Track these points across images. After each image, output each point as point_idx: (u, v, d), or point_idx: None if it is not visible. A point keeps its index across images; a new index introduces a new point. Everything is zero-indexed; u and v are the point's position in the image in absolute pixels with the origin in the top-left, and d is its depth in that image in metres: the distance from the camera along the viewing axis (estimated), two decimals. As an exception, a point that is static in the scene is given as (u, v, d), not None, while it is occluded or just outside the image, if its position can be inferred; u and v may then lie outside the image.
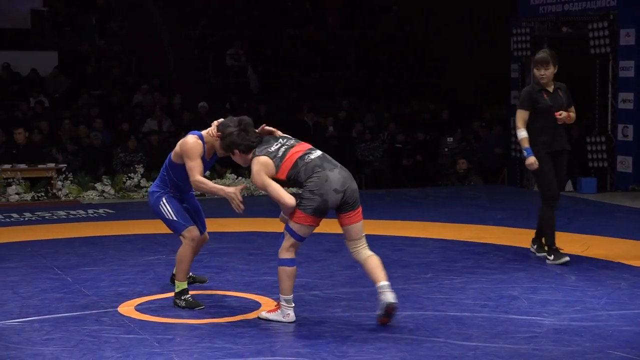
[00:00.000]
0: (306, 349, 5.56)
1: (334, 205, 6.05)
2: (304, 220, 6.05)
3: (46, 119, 17.33)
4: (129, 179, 14.15)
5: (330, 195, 5.99)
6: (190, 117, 18.14)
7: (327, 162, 6.15)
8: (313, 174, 6.03)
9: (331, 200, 6.01)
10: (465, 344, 5.67)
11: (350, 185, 6.12)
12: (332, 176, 6.04)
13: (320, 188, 5.99)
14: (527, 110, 8.26)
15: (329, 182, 6.01)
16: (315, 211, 6.01)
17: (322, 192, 5.99)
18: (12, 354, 5.49)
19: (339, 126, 18.66)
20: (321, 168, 6.06)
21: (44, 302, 6.81)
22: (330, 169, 6.08)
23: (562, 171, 8.42)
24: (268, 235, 9.71)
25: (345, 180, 6.09)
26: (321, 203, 6.00)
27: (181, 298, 6.67)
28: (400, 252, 8.76)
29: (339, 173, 6.09)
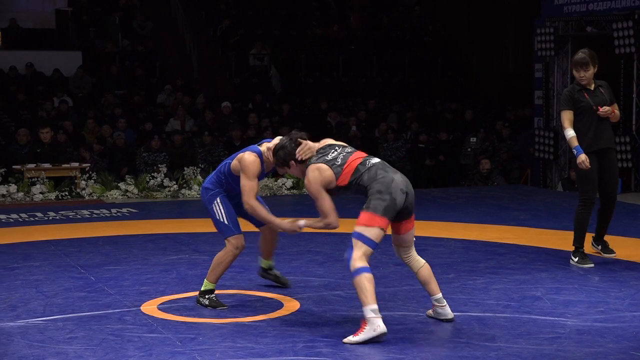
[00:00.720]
0: (328, 349, 5.55)
1: (400, 206, 5.91)
2: (375, 222, 5.84)
3: (70, 118, 17.43)
4: (152, 178, 14.20)
5: (398, 194, 5.88)
6: (213, 117, 18.20)
7: (388, 167, 6.06)
8: (377, 177, 5.92)
9: (399, 200, 5.88)
10: (487, 344, 5.65)
11: (411, 190, 6.03)
12: (397, 178, 5.94)
13: (388, 188, 5.87)
14: (570, 110, 8.17)
15: (395, 182, 5.91)
16: (386, 210, 5.84)
17: (391, 192, 5.87)
18: (36, 352, 5.52)
19: (362, 126, 18.66)
20: (384, 171, 5.96)
21: (67, 301, 6.84)
22: (393, 172, 6.01)
23: (612, 170, 8.22)
24: (291, 235, 9.70)
25: (408, 183, 6.01)
26: (391, 202, 5.85)
27: (205, 296, 6.67)
28: (422, 253, 8.66)
29: (401, 176, 6.01)
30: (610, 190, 8.33)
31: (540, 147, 15.87)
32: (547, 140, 15.69)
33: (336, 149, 6.15)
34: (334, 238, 9.52)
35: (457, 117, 19.63)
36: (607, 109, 8.12)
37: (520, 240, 9.34)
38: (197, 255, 8.62)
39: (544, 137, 15.77)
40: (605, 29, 14.61)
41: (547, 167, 16.02)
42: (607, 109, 8.11)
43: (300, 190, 14.36)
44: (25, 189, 13.53)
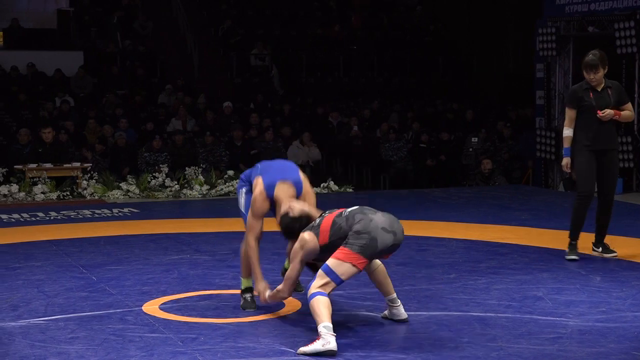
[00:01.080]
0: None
1: (386, 245, 5.76)
2: (350, 259, 5.70)
3: (71, 118, 17.44)
4: (154, 178, 14.20)
5: (379, 233, 5.73)
6: (214, 117, 18.20)
7: (367, 209, 5.96)
8: (355, 220, 5.79)
9: (381, 238, 5.72)
10: (489, 344, 5.65)
11: (399, 226, 5.90)
12: (377, 218, 5.82)
13: (366, 228, 5.73)
14: (573, 109, 8.25)
15: (374, 222, 5.77)
16: (362, 249, 5.68)
17: (370, 231, 5.72)
18: (37, 352, 5.52)
19: (363, 126, 18.66)
20: (362, 214, 5.85)
21: (69, 301, 6.84)
22: (372, 213, 5.89)
23: (610, 171, 8.32)
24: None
25: (392, 221, 5.87)
26: (370, 241, 5.69)
27: (243, 296, 6.63)
28: (424, 253, 8.75)
29: (382, 215, 5.88)
30: (608, 190, 8.39)
31: (541, 147, 15.87)
32: (548, 140, 15.69)
33: (322, 214, 6.07)
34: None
35: (458, 117, 19.63)
36: (608, 112, 8.14)
37: (522, 241, 9.34)
38: (198, 255, 8.62)
39: (546, 137, 15.77)
40: (607, 29, 14.60)
41: (548, 167, 16.02)
42: (607, 112, 8.14)
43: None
44: (26, 189, 13.53)
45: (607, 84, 8.26)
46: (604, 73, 8.20)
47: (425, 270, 7.91)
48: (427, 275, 7.69)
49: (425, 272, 7.83)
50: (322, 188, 14.44)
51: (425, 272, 7.81)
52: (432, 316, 6.32)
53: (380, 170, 17.33)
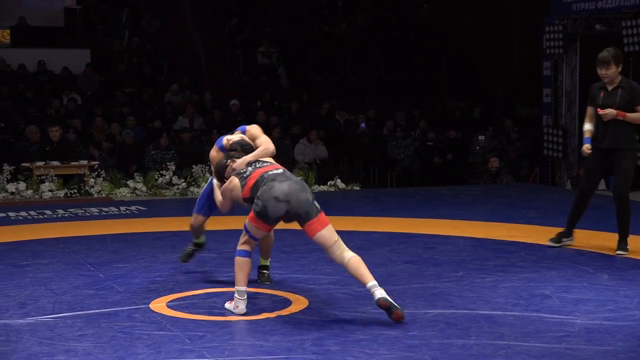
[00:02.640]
0: (337, 347, 5.55)
1: (276, 214, 6.19)
2: (252, 220, 6.30)
3: (78, 116, 17.46)
4: (161, 176, 14.21)
5: (270, 202, 6.16)
6: (221, 115, 18.21)
7: (281, 176, 6.33)
8: (264, 185, 6.25)
9: (270, 207, 6.16)
10: (496, 342, 5.64)
11: (298, 196, 6.20)
12: (278, 186, 6.21)
13: (262, 194, 6.20)
14: (591, 106, 8.42)
15: (272, 190, 6.18)
16: (257, 215, 6.23)
17: (264, 199, 6.18)
18: (45, 349, 5.53)
19: (370, 124, 18.66)
20: (273, 180, 6.26)
21: (76, 299, 6.85)
22: (280, 181, 6.26)
23: (616, 170, 8.37)
24: (300, 233, 9.69)
25: (290, 192, 6.19)
26: (262, 208, 6.18)
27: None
28: (431, 251, 8.75)
29: (287, 186, 6.22)
30: (614, 189, 8.45)
31: (548, 145, 15.84)
32: (555, 138, 15.66)
33: (255, 164, 6.57)
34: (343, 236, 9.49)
35: (465, 115, 19.61)
36: (609, 111, 8.16)
37: (529, 239, 9.32)
38: (206, 253, 8.61)
39: (553, 135, 15.74)
40: (615, 26, 14.55)
41: (555, 165, 15.99)
42: (608, 111, 8.16)
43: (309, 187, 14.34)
44: (34, 187, 13.55)
45: (621, 84, 8.26)
46: (616, 70, 8.21)
47: (432, 268, 7.91)
48: (435, 274, 7.68)
49: (433, 270, 7.83)
50: (329, 186, 14.44)
51: (433, 270, 7.80)
52: (439, 314, 6.32)
53: (387, 168, 17.33)
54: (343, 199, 13.24)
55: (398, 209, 11.65)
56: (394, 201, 12.58)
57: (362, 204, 12.50)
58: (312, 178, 14.52)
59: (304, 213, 6.23)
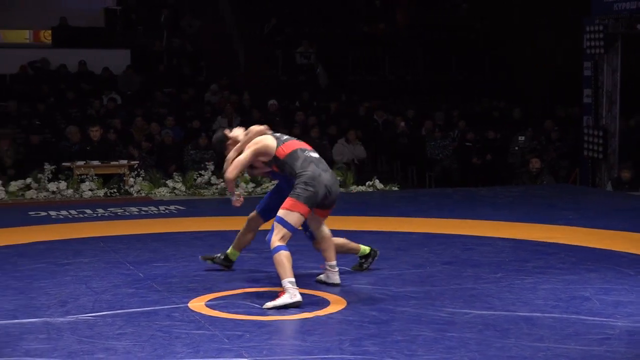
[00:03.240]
0: (375, 347, 5.55)
1: (321, 198, 6.71)
2: (297, 208, 6.64)
3: (118, 116, 17.58)
4: (200, 176, 14.26)
5: (320, 188, 6.67)
6: (260, 115, 18.24)
7: (322, 164, 6.85)
8: (308, 168, 6.70)
9: (320, 193, 6.68)
10: (535, 344, 5.61)
11: (337, 189, 6.89)
12: (325, 175, 6.73)
13: (313, 180, 6.65)
14: None
15: (321, 177, 6.70)
16: (308, 199, 6.64)
17: (314, 184, 6.65)
18: (85, 347, 5.57)
19: (409, 124, 18.61)
20: (316, 166, 6.75)
21: (116, 297, 6.90)
22: (324, 170, 6.79)
23: None
24: (338, 233, 9.70)
25: (334, 181, 6.84)
26: (313, 194, 6.65)
27: None
28: (470, 252, 8.71)
29: (331, 176, 6.83)
30: None
31: (589, 146, 15.72)
32: (596, 139, 15.54)
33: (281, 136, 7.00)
34: (382, 237, 9.51)
35: (504, 115, 19.51)
36: None
37: (569, 240, 9.26)
38: (244, 252, 8.63)
39: (593, 136, 15.62)
40: (656, 26, 14.43)
41: (596, 166, 15.86)
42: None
43: (347, 188, 14.34)
44: (74, 186, 13.66)
45: None
46: None
47: (471, 269, 7.87)
48: (474, 275, 7.65)
49: (472, 271, 7.80)
50: (367, 186, 14.42)
51: (472, 272, 7.77)
52: (478, 315, 6.29)
53: (426, 168, 17.28)
54: (381, 200, 13.21)
55: (437, 210, 11.61)
56: (432, 202, 12.54)
57: (400, 204, 12.47)
58: (351, 178, 14.51)
59: (334, 201, 6.90)
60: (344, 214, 11.31)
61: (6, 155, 14.88)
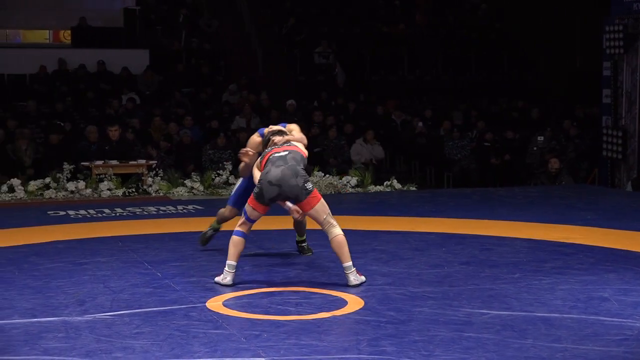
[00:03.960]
0: (392, 347, 5.54)
1: (270, 195, 7.09)
2: (250, 202, 7.22)
3: (137, 116, 17.62)
4: (218, 175, 14.29)
5: (264, 185, 7.08)
6: (278, 115, 18.25)
7: (280, 160, 7.16)
8: (267, 166, 7.16)
9: (265, 189, 7.09)
10: (553, 345, 5.59)
11: (289, 182, 7.06)
12: (273, 171, 7.08)
13: (261, 181, 7.13)
14: None
15: (267, 174, 7.09)
16: (256, 196, 7.15)
17: (261, 182, 7.11)
18: (103, 346, 5.59)
19: (427, 124, 18.58)
20: (272, 165, 7.14)
21: (134, 297, 6.92)
22: (277, 165, 7.11)
23: None
24: (355, 232, 9.72)
25: (283, 177, 7.06)
26: (259, 190, 7.12)
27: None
28: (488, 252, 8.69)
29: (280, 171, 7.07)
30: None
31: (608, 147, 15.66)
32: (615, 139, 15.48)
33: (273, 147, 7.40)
34: (399, 237, 9.51)
35: (523, 115, 19.45)
36: None
37: (588, 241, 9.22)
38: (261, 251, 8.66)
39: (612, 136, 15.55)
40: (676, 26, 14.36)
41: (615, 167, 15.79)
42: None
43: (365, 188, 14.34)
44: (93, 186, 13.71)
45: None
46: None
47: (489, 269, 7.86)
48: (491, 275, 7.63)
49: (489, 271, 7.78)
50: (385, 186, 14.41)
51: (489, 272, 7.75)
52: (496, 316, 6.28)
53: (444, 168, 17.25)
54: (399, 200, 13.20)
55: (455, 210, 11.58)
56: (450, 202, 12.52)
57: (418, 204, 12.45)
58: (369, 178, 14.50)
59: (294, 196, 7.14)
60: (362, 214, 11.31)
61: (25, 154, 14.95)
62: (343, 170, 15.36)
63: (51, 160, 14.58)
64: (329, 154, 16.41)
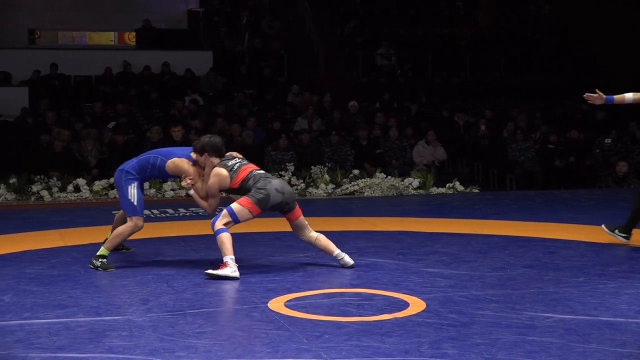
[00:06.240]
0: (454, 350, 5.50)
1: (275, 202, 7.68)
2: (248, 206, 7.62)
3: (200, 117, 17.75)
4: (280, 176, 14.34)
5: (272, 192, 7.65)
6: (340, 116, 18.27)
7: (269, 176, 7.89)
8: (260, 180, 7.75)
9: (272, 196, 7.65)
10: (618, 350, 5.51)
11: (289, 190, 7.87)
12: (275, 181, 7.78)
13: (265, 186, 7.67)
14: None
15: (272, 183, 7.72)
16: (258, 202, 7.62)
17: (267, 189, 7.65)
18: (166, 345, 5.63)
19: (490, 126, 18.46)
20: (266, 177, 7.81)
21: (196, 296, 6.96)
22: (272, 178, 7.84)
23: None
24: (417, 234, 9.69)
25: (284, 185, 7.84)
26: (265, 196, 7.63)
27: (99, 260, 7.99)
28: (552, 255, 8.61)
29: (280, 181, 7.86)
30: None
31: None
32: (682, 141, 15.23)
33: (236, 160, 7.99)
34: (462, 239, 9.45)
35: (587, 117, 19.22)
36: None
37: (654, 244, 9.09)
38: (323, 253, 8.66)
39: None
40: None
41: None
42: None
43: (427, 189, 14.29)
44: (157, 186, 13.84)
45: None
46: None
47: (552, 273, 7.77)
48: (555, 278, 7.55)
49: (553, 275, 7.70)
50: (447, 188, 14.35)
51: (553, 275, 7.67)
52: (559, 320, 6.21)
53: (507, 170, 17.11)
54: (462, 202, 13.13)
55: (518, 212, 11.49)
56: (513, 204, 12.43)
57: (480, 206, 12.38)
58: (430, 180, 14.45)
59: (292, 202, 7.83)
60: (424, 216, 11.27)
61: (90, 155, 15.14)
62: (405, 171, 15.33)
63: (116, 161, 14.73)
64: (390, 156, 16.38)
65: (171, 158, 8.15)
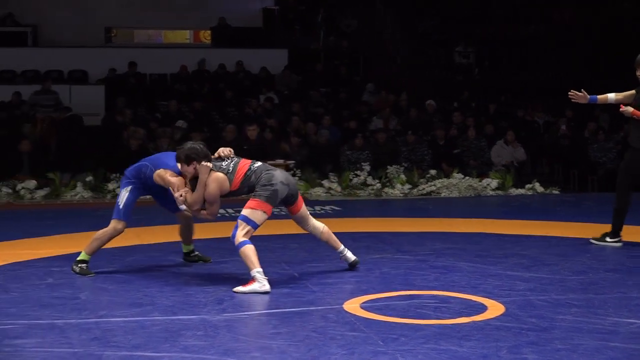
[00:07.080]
0: (534, 356, 5.37)
1: (282, 195, 7.34)
2: (260, 207, 7.21)
3: (275, 115, 17.76)
4: (356, 176, 14.26)
5: (279, 186, 7.29)
6: (417, 115, 18.13)
7: (269, 167, 7.50)
8: (262, 174, 7.33)
9: (280, 190, 7.29)
10: None
11: (292, 180, 7.63)
12: (277, 174, 7.38)
13: (270, 181, 7.27)
14: None
15: (276, 177, 7.33)
16: (269, 198, 7.24)
17: (272, 183, 7.26)
18: (242, 346, 5.60)
19: (571, 126, 18.16)
20: (267, 171, 7.37)
21: (271, 297, 6.92)
22: (274, 170, 7.46)
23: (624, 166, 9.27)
24: (496, 236, 9.54)
25: (287, 176, 7.54)
26: (273, 192, 7.25)
27: (78, 265, 7.77)
28: (635, 259, 8.40)
29: (281, 172, 7.48)
30: None
31: None
32: None
33: (227, 160, 7.50)
34: (542, 242, 9.29)
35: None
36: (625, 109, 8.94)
37: None
38: (399, 255, 8.57)
39: None
40: None
41: None
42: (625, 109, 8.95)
43: (505, 190, 14.09)
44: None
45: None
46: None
47: (636, 277, 7.57)
48: (639, 283, 7.35)
49: (637, 279, 7.49)
50: (527, 189, 14.14)
51: (637, 280, 7.47)
52: (645, 326, 6.03)
53: (589, 171, 16.79)
54: (541, 203, 12.93)
55: (599, 215, 11.23)
56: (595, 206, 12.19)
57: (561, 208, 12.16)
58: (510, 181, 14.24)
59: (295, 193, 7.58)
60: (503, 217, 11.11)
61: (165, 153, 15.22)
62: (483, 172, 15.14)
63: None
64: (468, 156, 16.18)
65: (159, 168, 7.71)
